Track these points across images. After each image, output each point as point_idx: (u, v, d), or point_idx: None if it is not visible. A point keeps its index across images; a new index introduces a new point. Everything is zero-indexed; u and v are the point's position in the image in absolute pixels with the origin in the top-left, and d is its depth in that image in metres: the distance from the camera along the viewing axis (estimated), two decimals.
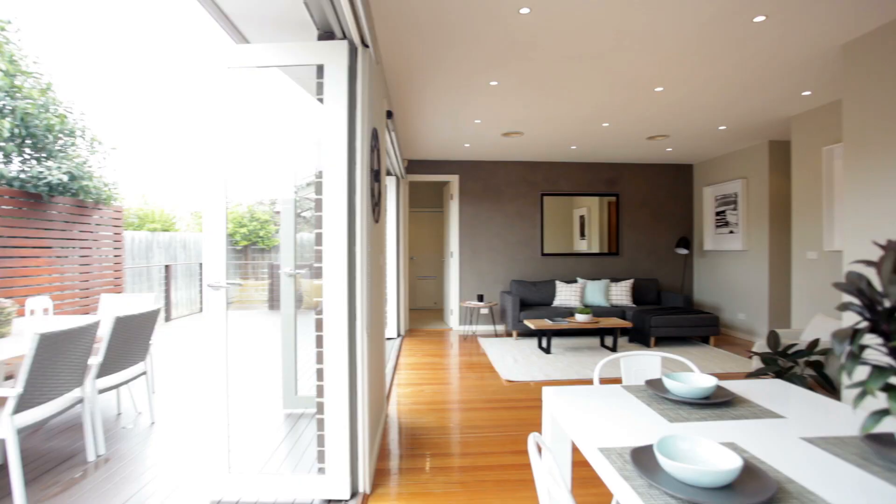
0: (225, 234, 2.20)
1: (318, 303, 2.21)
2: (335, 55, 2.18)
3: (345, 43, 2.18)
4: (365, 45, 2.29)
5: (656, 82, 3.91)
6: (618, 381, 2.69)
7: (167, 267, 8.50)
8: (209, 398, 2.20)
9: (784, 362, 3.30)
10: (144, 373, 3.22)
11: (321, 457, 2.23)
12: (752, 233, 6.12)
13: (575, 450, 1.79)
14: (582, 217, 7.29)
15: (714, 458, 1.05)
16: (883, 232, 2.96)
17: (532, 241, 7.22)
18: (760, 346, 3.84)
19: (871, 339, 0.84)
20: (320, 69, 2.21)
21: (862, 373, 1.29)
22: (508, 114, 4.80)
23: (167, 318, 8.29)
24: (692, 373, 1.67)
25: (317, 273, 2.23)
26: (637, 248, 7.37)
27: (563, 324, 5.31)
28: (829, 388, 3.10)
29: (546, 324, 5.36)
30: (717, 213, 6.77)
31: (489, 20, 2.86)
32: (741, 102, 4.45)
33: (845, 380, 0.83)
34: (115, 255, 6.54)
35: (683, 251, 7.01)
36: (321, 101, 2.21)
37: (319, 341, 2.22)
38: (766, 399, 1.59)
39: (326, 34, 2.29)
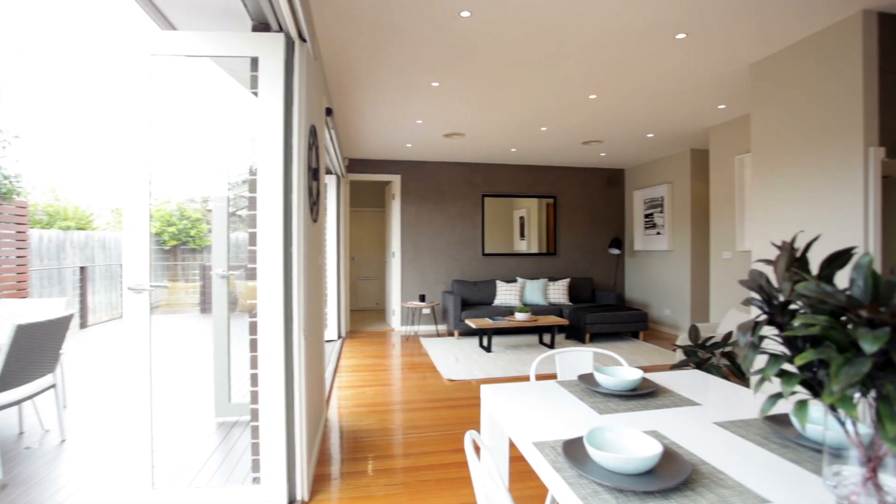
0: (149, 233, 2.06)
1: (253, 305, 2.13)
2: (270, 48, 2.10)
3: (281, 36, 2.11)
4: (303, 40, 2.23)
5: (590, 90, 4.10)
6: (553, 376, 2.79)
7: (83, 269, 7.79)
8: (130, 410, 2.04)
9: (703, 354, 3.57)
10: (53, 386, 2.93)
11: (256, 466, 2.14)
12: (677, 234, 6.57)
13: (512, 445, 1.84)
14: (522, 218, 7.50)
15: (638, 446, 1.12)
16: (784, 233, 3.29)
17: (473, 241, 7.33)
18: (683, 339, 4.13)
19: (769, 331, 0.93)
20: (255, 62, 2.12)
21: (762, 361, 1.43)
22: (450, 115, 4.84)
23: (83, 325, 7.61)
24: (621, 367, 1.77)
25: (251, 274, 2.14)
26: (573, 248, 7.68)
27: (504, 322, 5.43)
28: (740, 375, 3.40)
29: (487, 323, 5.47)
30: (646, 216, 7.20)
31: (431, 21, 2.88)
32: (666, 112, 4.76)
33: (748, 368, 0.91)
34: (19, 256, 5.92)
35: (616, 251, 7.40)
36: (256, 95, 2.13)
37: (254, 345, 2.13)
38: (686, 388, 1.72)
39: (262, 26, 2.20)
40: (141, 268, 2.03)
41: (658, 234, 6.90)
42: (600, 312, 6.03)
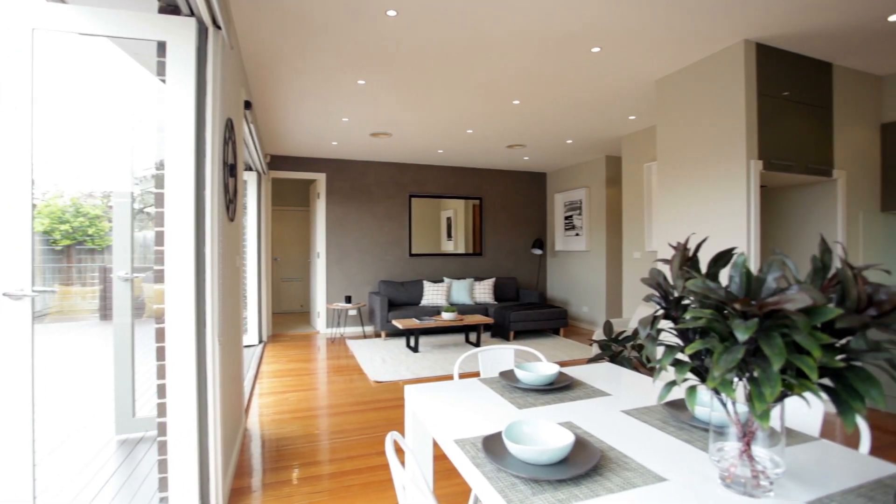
0: (31, 230, 1.83)
1: (162, 310, 1.96)
2: (180, 33, 1.95)
3: (192, 21, 1.97)
4: (217, 27, 2.10)
5: (514, 95, 4.25)
6: (478, 374, 2.86)
7: None
8: (3, 436, 1.80)
9: (616, 347, 3.83)
10: None
11: (164, 484, 1.98)
12: (593, 235, 6.99)
13: (437, 444, 1.86)
14: (449, 219, 7.60)
15: (552, 437, 1.18)
16: (683, 235, 3.62)
17: (401, 241, 7.31)
18: (598, 334, 4.41)
19: (666, 324, 1.02)
20: (162, 46, 1.96)
21: (660, 352, 1.57)
22: (377, 114, 4.79)
23: None
24: (540, 362, 1.85)
25: (160, 277, 1.98)
26: (498, 248, 7.92)
27: (431, 322, 5.47)
28: (647, 366, 3.69)
29: (414, 323, 5.48)
30: (566, 218, 7.59)
31: (356, 18, 2.83)
32: (584, 120, 5.05)
33: (648, 359, 0.99)
34: None
35: (538, 251, 7.73)
36: (164, 82, 1.97)
37: (161, 353, 1.97)
38: (599, 381, 1.84)
39: (170, 8, 2.04)
40: (20, 270, 1.80)
41: (577, 235, 7.31)
42: (524, 311, 6.26)
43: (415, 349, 5.56)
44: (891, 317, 0.79)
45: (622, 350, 3.81)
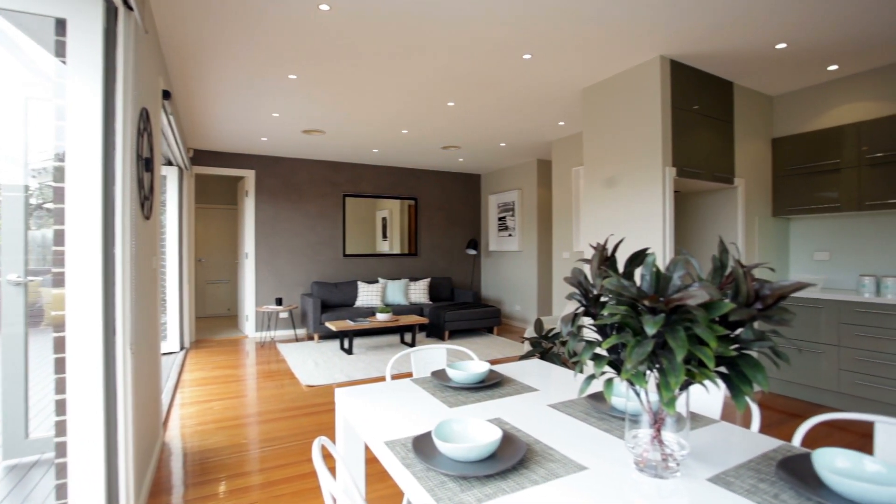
0: None
1: (63, 317, 1.78)
2: (84, 10, 1.78)
3: None
4: (128, 7, 1.94)
5: (449, 97, 4.29)
6: (410, 375, 2.86)
7: None
8: None
9: (546, 344, 3.98)
10: None
11: None
12: (525, 236, 7.23)
13: (369, 447, 1.83)
14: (384, 219, 7.53)
15: (481, 434, 1.21)
16: (607, 235, 3.84)
17: (334, 241, 7.15)
18: (530, 332, 4.56)
19: (586, 321, 1.07)
20: (61, 24, 1.78)
21: (581, 348, 1.66)
22: (309, 111, 4.65)
23: None
24: (471, 361, 1.89)
25: (60, 280, 1.79)
26: (433, 249, 7.96)
27: (365, 324, 5.40)
28: (571, 361, 3.87)
29: (347, 324, 5.38)
30: (500, 219, 7.79)
31: (286, 10, 2.73)
32: (516, 124, 5.21)
33: (570, 354, 1.04)
34: None
35: (472, 252, 7.86)
36: (65, 63, 1.78)
37: (61, 365, 1.79)
38: (528, 377, 1.90)
39: None
40: None
41: (510, 235, 7.52)
42: (458, 310, 6.35)
43: (349, 351, 5.46)
44: (773, 310, 0.88)
45: (552, 347, 3.97)
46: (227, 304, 8.50)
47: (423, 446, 1.17)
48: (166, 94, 3.16)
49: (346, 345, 5.76)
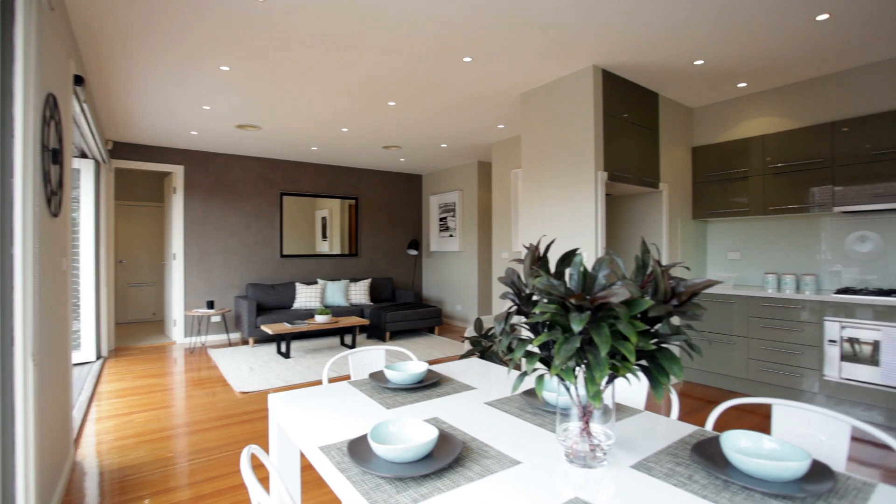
0: None
1: None
2: None
3: None
4: None
5: (389, 97, 4.26)
6: (349, 377, 2.81)
7: None
8: None
9: (485, 343, 4.05)
10: None
11: None
12: (466, 236, 7.32)
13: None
14: (324, 219, 7.35)
15: (418, 434, 1.21)
16: (542, 236, 3.97)
17: (271, 241, 6.88)
18: (470, 331, 4.62)
19: (519, 319, 1.10)
20: None
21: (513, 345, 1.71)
22: (243, 105, 4.45)
23: None
24: (410, 361, 1.89)
25: None
26: (374, 249, 7.88)
27: (303, 326, 5.24)
28: (505, 359, 3.97)
29: (285, 327, 5.19)
30: (441, 219, 7.83)
31: None
32: (457, 126, 5.26)
33: (503, 352, 1.07)
34: None
35: (414, 252, 7.85)
36: None
37: None
38: (466, 376, 1.93)
39: None
40: None
41: (451, 236, 7.58)
42: (399, 311, 6.31)
43: (286, 355, 5.27)
44: (687, 305, 0.95)
45: (491, 345, 4.05)
46: (153, 309, 7.94)
47: (358, 449, 1.16)
48: (79, 80, 2.90)
49: (284, 348, 5.56)
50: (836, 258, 3.83)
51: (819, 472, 1.05)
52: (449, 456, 1.12)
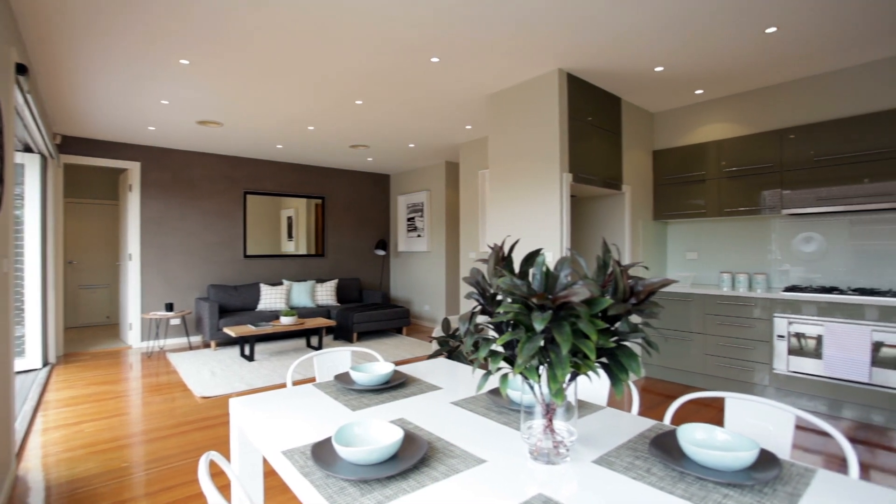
0: None
1: None
2: None
3: None
4: None
5: (357, 95, 4.22)
6: (314, 379, 2.76)
7: None
8: None
9: (453, 343, 4.06)
10: None
11: None
12: (434, 236, 7.33)
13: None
14: (290, 218, 7.20)
15: (383, 435, 1.20)
16: (509, 236, 4.02)
17: (234, 241, 6.69)
18: (437, 331, 4.63)
19: (483, 319, 1.11)
20: None
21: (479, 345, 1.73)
22: (204, 100, 4.31)
23: None
24: (376, 362, 1.87)
25: None
26: (342, 249, 7.78)
27: (268, 328, 5.12)
28: (469, 359, 4.00)
29: (249, 329, 5.06)
30: (409, 219, 7.81)
31: None
32: (425, 126, 5.26)
33: (468, 352, 1.08)
34: None
35: (381, 252, 7.80)
36: None
37: None
38: (433, 376, 1.93)
39: None
40: None
41: (419, 236, 7.57)
42: (367, 312, 6.26)
43: (250, 358, 5.14)
44: (645, 304, 0.98)
45: (458, 345, 4.07)
46: (107, 312, 7.58)
47: (322, 453, 1.14)
48: (21, 69, 2.73)
49: (248, 351, 5.42)
50: (784, 258, 4.04)
51: (766, 460, 1.11)
52: (414, 456, 1.12)
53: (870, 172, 3.43)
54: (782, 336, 3.59)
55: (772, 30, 3.01)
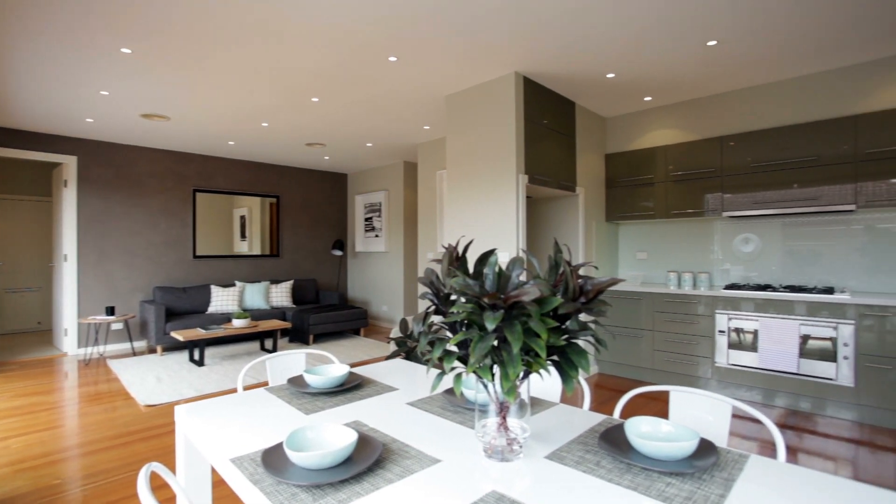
0: None
1: None
2: None
3: None
4: None
5: (313, 93, 4.13)
6: (266, 384, 2.68)
7: None
8: None
9: (411, 343, 4.05)
10: None
11: None
12: (392, 236, 7.28)
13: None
14: (243, 217, 6.96)
15: (337, 439, 1.18)
16: (467, 236, 4.05)
17: (183, 241, 6.39)
18: (395, 332, 4.60)
19: (438, 319, 1.12)
20: None
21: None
22: (149, 92, 4.09)
23: None
24: (331, 364, 1.84)
25: None
26: (297, 249, 7.59)
27: (219, 331, 4.93)
28: (423, 359, 4.01)
29: (198, 333, 4.85)
30: (366, 219, 7.73)
31: None
32: (383, 125, 5.22)
33: (421, 352, 1.08)
34: None
35: (338, 252, 7.67)
36: None
37: None
38: (390, 377, 1.91)
39: None
40: None
41: (377, 236, 7.51)
42: (323, 313, 6.14)
43: (200, 363, 4.93)
44: (594, 303, 1.02)
45: (416, 346, 4.06)
46: (38, 317, 7.06)
47: (273, 459, 1.11)
48: None
49: (197, 356, 5.20)
50: (725, 257, 4.28)
51: (705, 448, 1.17)
52: (368, 459, 1.11)
53: (799, 178, 3.69)
54: (723, 331, 3.80)
55: (713, 43, 3.18)
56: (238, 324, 5.14)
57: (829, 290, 3.50)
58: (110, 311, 5.30)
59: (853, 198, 3.46)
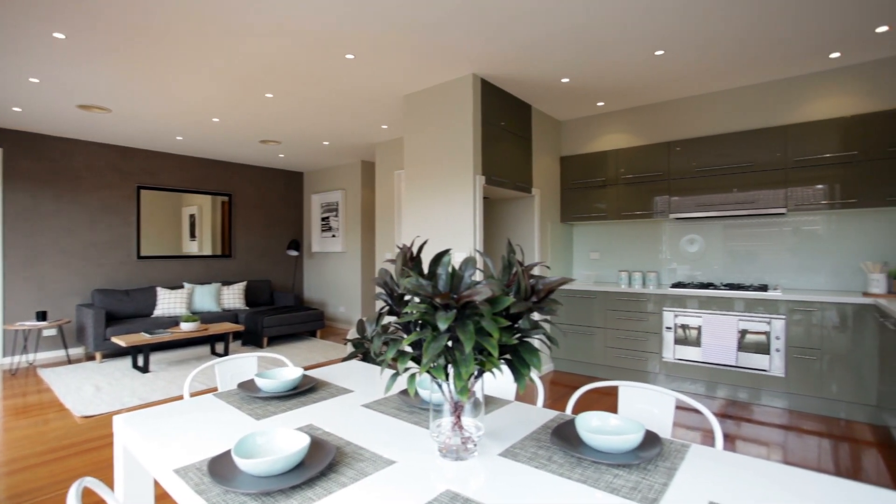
0: None
1: None
2: None
3: None
4: None
5: (267, 88, 4.01)
6: (216, 389, 2.56)
7: None
8: None
9: (368, 344, 4.00)
10: None
11: None
12: (349, 236, 7.18)
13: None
14: (193, 216, 6.66)
15: (288, 444, 1.15)
16: (425, 236, 4.05)
17: (125, 241, 6.05)
18: (352, 333, 4.54)
19: (392, 319, 1.11)
20: None
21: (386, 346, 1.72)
22: (86, 82, 3.84)
23: None
24: (284, 367, 1.79)
25: None
26: (251, 249, 7.35)
27: (165, 336, 4.69)
28: (377, 360, 3.99)
29: (142, 338, 4.60)
30: (323, 219, 7.58)
31: None
32: (339, 124, 5.13)
33: (375, 353, 1.07)
34: None
35: (294, 253, 7.49)
36: None
37: None
38: (345, 379, 1.88)
39: None
40: None
41: (334, 236, 7.38)
42: (278, 315, 5.97)
43: (144, 369, 4.67)
44: (545, 302, 1.04)
45: None
46: None
47: (220, 468, 1.07)
48: None
49: (141, 362, 4.93)
50: (672, 257, 4.49)
51: (650, 440, 1.22)
52: (321, 463, 1.08)
53: (738, 183, 3.92)
54: (670, 328, 3.99)
55: (660, 52, 3.33)
56: (186, 327, 4.91)
57: (764, 288, 3.74)
58: (41, 315, 4.94)
59: (784, 202, 3.71)
